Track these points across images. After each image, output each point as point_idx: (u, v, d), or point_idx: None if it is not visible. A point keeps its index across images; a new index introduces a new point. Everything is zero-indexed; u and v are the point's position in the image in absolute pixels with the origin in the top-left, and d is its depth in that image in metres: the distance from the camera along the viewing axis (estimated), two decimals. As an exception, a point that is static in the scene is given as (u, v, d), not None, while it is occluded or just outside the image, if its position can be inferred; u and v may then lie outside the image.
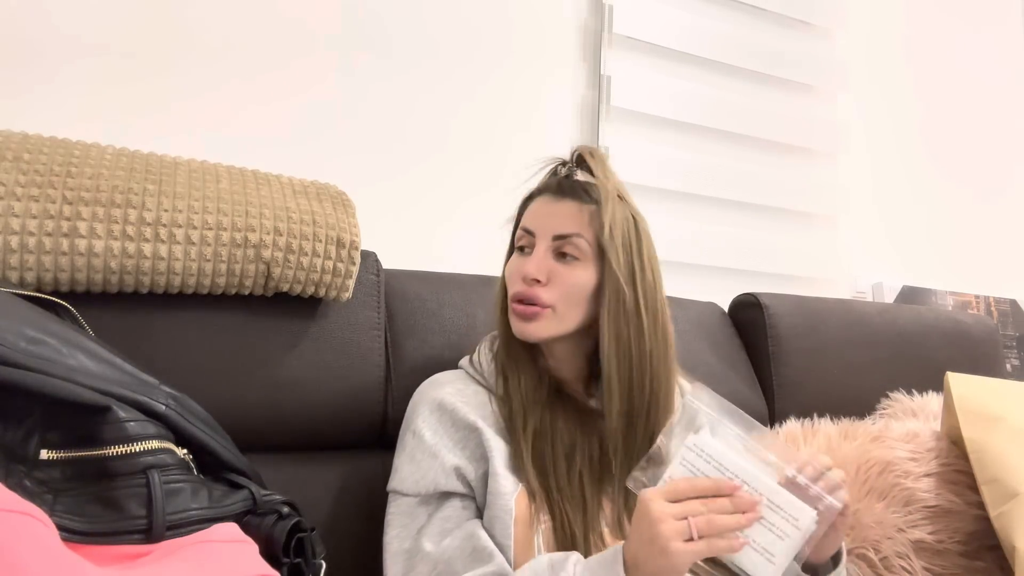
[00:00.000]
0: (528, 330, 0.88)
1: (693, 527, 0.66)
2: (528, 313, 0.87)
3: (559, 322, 0.88)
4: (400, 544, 0.82)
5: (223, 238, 0.87)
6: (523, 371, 0.90)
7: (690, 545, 0.66)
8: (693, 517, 0.66)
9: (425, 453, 0.84)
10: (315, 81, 1.32)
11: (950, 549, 1.04)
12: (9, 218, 0.77)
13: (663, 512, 0.67)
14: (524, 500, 0.81)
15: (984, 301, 2.00)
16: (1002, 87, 2.16)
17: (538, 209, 0.92)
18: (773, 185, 1.73)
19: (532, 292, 0.87)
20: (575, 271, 0.88)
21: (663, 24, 1.63)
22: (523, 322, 0.88)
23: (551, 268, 0.88)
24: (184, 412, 0.66)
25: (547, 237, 0.89)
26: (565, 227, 0.88)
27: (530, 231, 0.91)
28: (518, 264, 0.90)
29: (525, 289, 0.88)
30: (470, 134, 1.44)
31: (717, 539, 0.67)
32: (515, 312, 0.89)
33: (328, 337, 0.98)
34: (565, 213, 0.89)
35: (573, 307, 0.88)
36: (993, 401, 1.12)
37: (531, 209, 0.93)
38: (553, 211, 0.90)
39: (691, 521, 0.66)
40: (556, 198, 0.90)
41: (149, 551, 0.57)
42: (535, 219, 0.91)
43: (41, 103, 1.11)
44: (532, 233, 0.90)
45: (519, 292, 0.88)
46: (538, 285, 0.87)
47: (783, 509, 0.69)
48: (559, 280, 0.87)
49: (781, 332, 1.35)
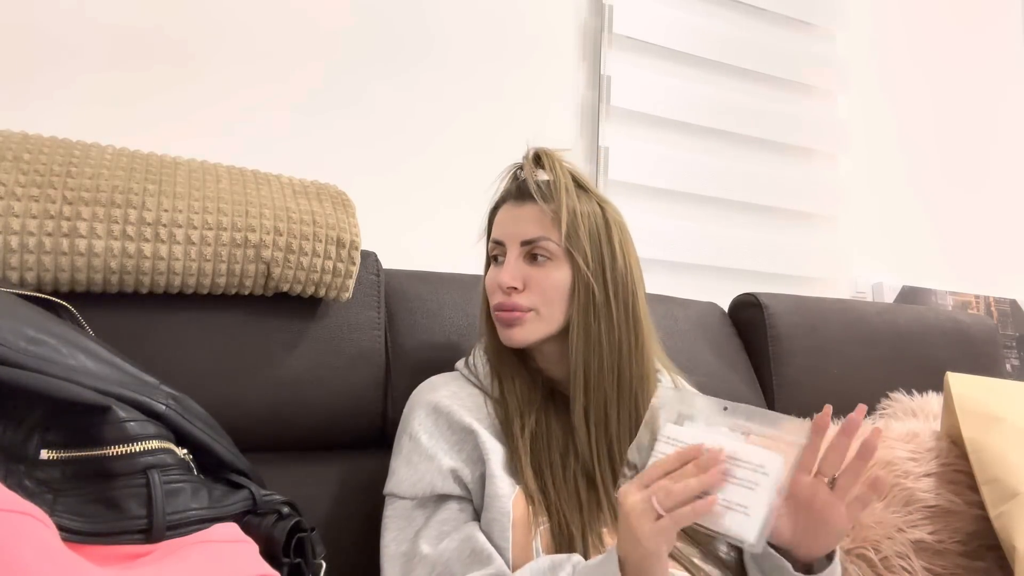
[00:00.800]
0: (514, 336, 0.89)
1: (655, 504, 0.64)
2: (511, 319, 0.88)
3: (544, 323, 0.89)
4: (397, 547, 0.82)
5: (223, 238, 0.87)
6: (517, 375, 0.91)
7: (657, 523, 0.64)
8: (654, 495, 0.64)
9: (421, 456, 0.84)
10: (316, 81, 1.32)
11: (950, 549, 1.04)
12: (9, 218, 0.77)
13: (633, 501, 0.65)
14: (522, 502, 0.81)
15: (984, 301, 2.00)
16: (1002, 87, 2.17)
17: (503, 218, 0.93)
18: (773, 185, 1.73)
19: (511, 300, 0.88)
20: (549, 272, 0.88)
21: (663, 24, 1.63)
22: (508, 329, 0.89)
23: (525, 273, 0.89)
24: (184, 412, 0.66)
25: (516, 244, 0.90)
26: (530, 232, 0.89)
27: (499, 241, 0.92)
28: (493, 275, 0.92)
29: (504, 299, 0.89)
30: (470, 134, 1.44)
31: (682, 509, 0.63)
32: (499, 320, 0.90)
33: (328, 337, 0.98)
34: (528, 217, 0.90)
35: (554, 306, 0.88)
36: (993, 401, 1.12)
37: (497, 219, 0.94)
38: (517, 217, 0.90)
39: (652, 499, 0.64)
40: (517, 203, 0.91)
41: (149, 551, 0.57)
42: (502, 228, 0.92)
43: (41, 103, 1.11)
44: (501, 243, 0.91)
45: (500, 302, 0.89)
46: (516, 292, 0.88)
47: (749, 461, 0.67)
48: (534, 283, 0.88)
49: (781, 332, 1.35)
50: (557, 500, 0.81)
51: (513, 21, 1.50)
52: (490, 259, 0.95)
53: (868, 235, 1.89)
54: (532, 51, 1.52)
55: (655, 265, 1.52)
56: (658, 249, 1.56)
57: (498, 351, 0.93)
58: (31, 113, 1.06)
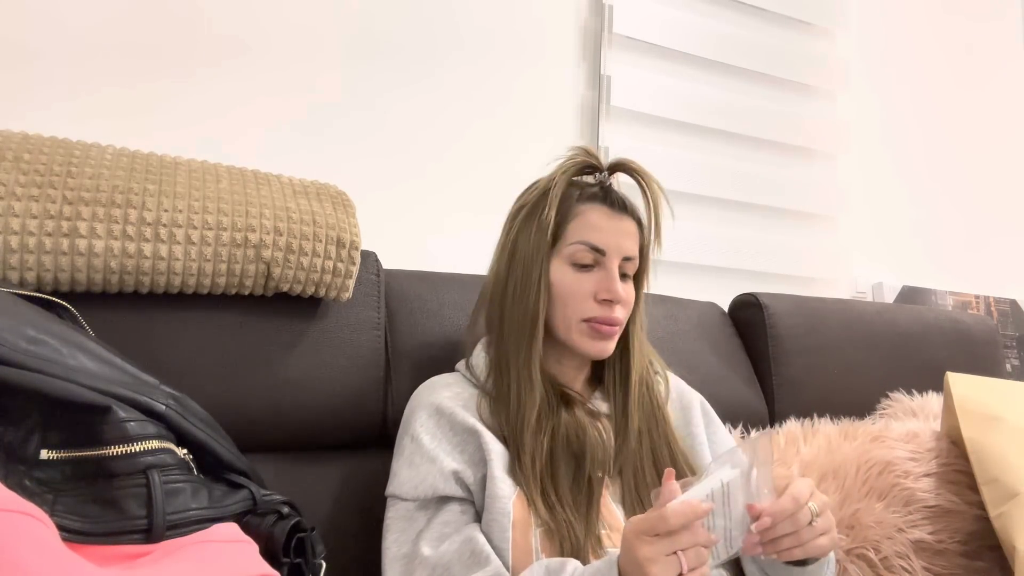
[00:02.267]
0: (608, 348, 0.91)
1: (684, 563, 0.64)
2: (612, 333, 0.90)
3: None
4: (399, 549, 0.81)
5: (223, 238, 0.87)
6: (536, 379, 0.88)
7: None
8: (682, 551, 0.65)
9: (423, 457, 0.84)
10: (316, 82, 1.32)
11: (950, 549, 1.04)
12: (9, 218, 0.77)
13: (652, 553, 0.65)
14: (522, 503, 0.81)
15: (984, 301, 2.00)
16: (1002, 87, 2.17)
17: (603, 224, 0.89)
18: (773, 185, 1.73)
19: (617, 316, 0.89)
20: (631, 291, 0.92)
21: (663, 24, 1.63)
22: (606, 341, 0.90)
23: (625, 288, 0.90)
24: (184, 412, 0.66)
25: (619, 257, 0.90)
26: (631, 250, 0.91)
27: (600, 249, 0.89)
28: (588, 281, 0.89)
29: (609, 313, 0.88)
30: (470, 134, 1.44)
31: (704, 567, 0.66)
32: (599, 332, 0.89)
33: (328, 337, 0.98)
34: (629, 232, 0.91)
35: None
36: (993, 401, 1.12)
37: (590, 221, 0.89)
38: (620, 230, 0.90)
39: (681, 557, 0.64)
40: (617, 214, 0.91)
41: (149, 551, 0.57)
42: (604, 237, 0.89)
43: (41, 103, 1.11)
44: (602, 251, 0.89)
45: (605, 316, 0.88)
46: (618, 307, 0.90)
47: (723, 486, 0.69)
48: (627, 300, 0.91)
49: (781, 332, 1.35)
50: (558, 502, 0.81)
51: (513, 21, 1.50)
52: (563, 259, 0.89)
53: (868, 235, 1.89)
54: (532, 51, 1.52)
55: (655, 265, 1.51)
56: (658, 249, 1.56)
57: (530, 358, 0.88)
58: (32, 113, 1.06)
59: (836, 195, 1.82)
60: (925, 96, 2.03)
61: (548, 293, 0.89)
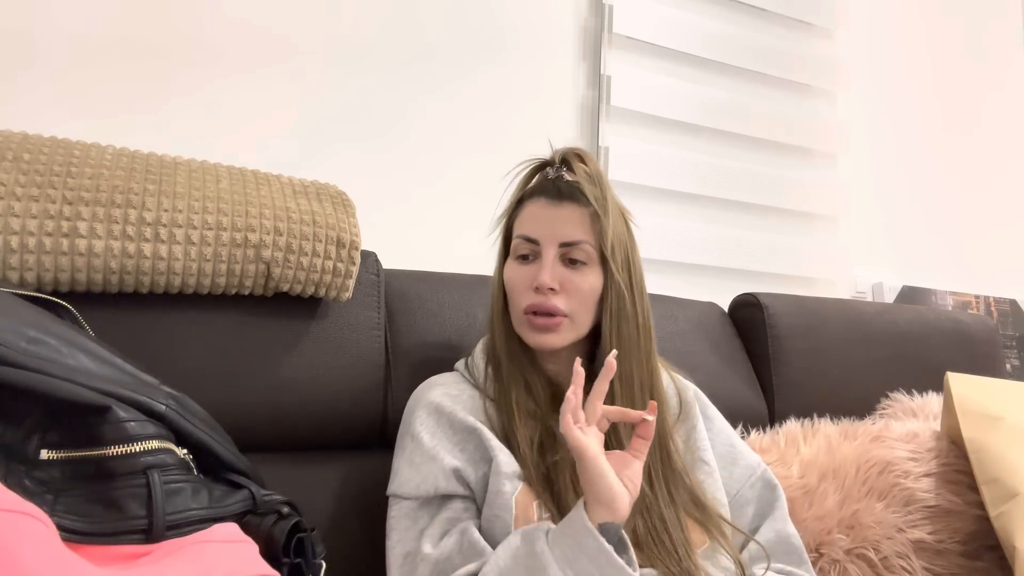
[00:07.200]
0: (548, 341, 0.88)
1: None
2: (549, 324, 0.87)
3: (575, 329, 0.89)
4: (402, 548, 0.82)
5: (223, 238, 0.87)
6: (528, 377, 0.89)
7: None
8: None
9: (424, 456, 0.84)
10: (316, 81, 1.32)
11: (950, 549, 1.04)
12: (9, 218, 0.77)
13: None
14: (524, 499, 0.81)
15: (984, 301, 2.00)
16: (1002, 87, 2.16)
17: (537, 214, 0.89)
18: (773, 185, 1.73)
19: (550, 303, 0.86)
20: (586, 277, 0.87)
21: (663, 24, 1.63)
22: (542, 334, 0.87)
23: (563, 276, 0.87)
24: (184, 412, 0.66)
25: (554, 244, 0.87)
26: (572, 234, 0.87)
27: (532, 239, 0.89)
28: (526, 273, 0.89)
29: (542, 300, 0.86)
30: (470, 134, 1.44)
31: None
32: (532, 324, 0.88)
33: (328, 337, 0.98)
34: (568, 218, 0.87)
35: (586, 313, 0.88)
36: (993, 401, 1.12)
37: (528, 214, 0.90)
38: (555, 216, 0.88)
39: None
40: (554, 202, 0.88)
41: (149, 551, 0.57)
42: (536, 226, 0.89)
43: (41, 103, 1.11)
44: (535, 241, 0.88)
45: (536, 304, 0.87)
46: (552, 294, 0.86)
47: None
48: (572, 287, 0.87)
49: (781, 332, 1.35)
50: (560, 497, 0.82)
51: (513, 21, 1.50)
52: (508, 254, 0.92)
53: (868, 235, 1.89)
54: (532, 51, 1.52)
55: (655, 265, 1.52)
56: (658, 249, 1.56)
57: (511, 353, 0.90)
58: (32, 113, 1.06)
59: (836, 195, 1.82)
60: (925, 96, 2.03)
61: (502, 291, 0.92)
